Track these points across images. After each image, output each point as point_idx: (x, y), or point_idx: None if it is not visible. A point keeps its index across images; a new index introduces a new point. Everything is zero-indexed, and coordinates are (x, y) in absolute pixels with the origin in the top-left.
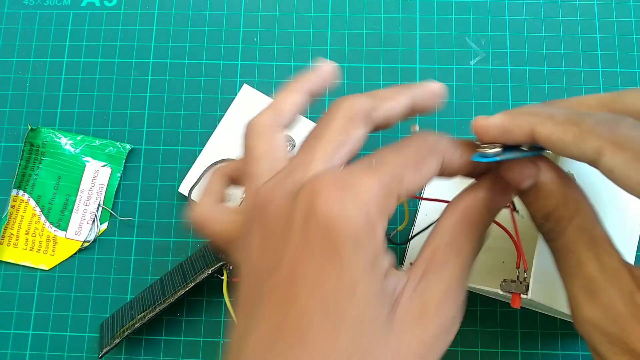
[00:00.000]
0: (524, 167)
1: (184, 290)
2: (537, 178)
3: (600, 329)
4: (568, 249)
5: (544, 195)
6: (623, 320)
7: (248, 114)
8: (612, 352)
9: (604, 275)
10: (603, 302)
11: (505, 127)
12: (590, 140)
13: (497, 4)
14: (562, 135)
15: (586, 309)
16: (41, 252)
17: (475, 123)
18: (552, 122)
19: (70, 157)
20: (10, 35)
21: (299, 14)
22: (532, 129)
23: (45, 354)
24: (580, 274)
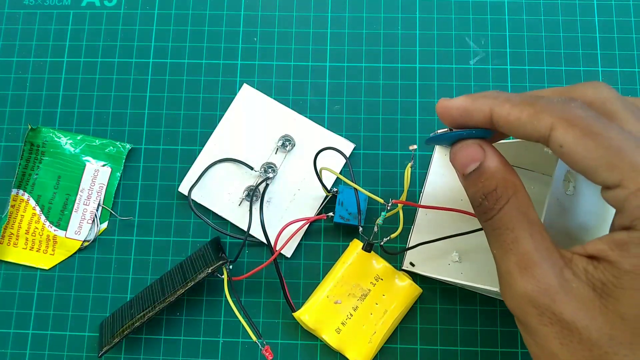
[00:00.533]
0: (472, 150)
1: (183, 290)
2: (483, 160)
3: (532, 301)
4: (505, 227)
5: (488, 175)
6: (554, 292)
7: (248, 114)
8: (541, 324)
9: (537, 252)
10: (536, 275)
11: (467, 107)
12: (543, 118)
13: (497, 4)
14: (519, 115)
15: (520, 282)
16: (41, 251)
17: (439, 104)
18: (510, 103)
19: (70, 156)
20: (10, 35)
21: (299, 14)
22: (491, 109)
23: (45, 354)
24: (515, 250)
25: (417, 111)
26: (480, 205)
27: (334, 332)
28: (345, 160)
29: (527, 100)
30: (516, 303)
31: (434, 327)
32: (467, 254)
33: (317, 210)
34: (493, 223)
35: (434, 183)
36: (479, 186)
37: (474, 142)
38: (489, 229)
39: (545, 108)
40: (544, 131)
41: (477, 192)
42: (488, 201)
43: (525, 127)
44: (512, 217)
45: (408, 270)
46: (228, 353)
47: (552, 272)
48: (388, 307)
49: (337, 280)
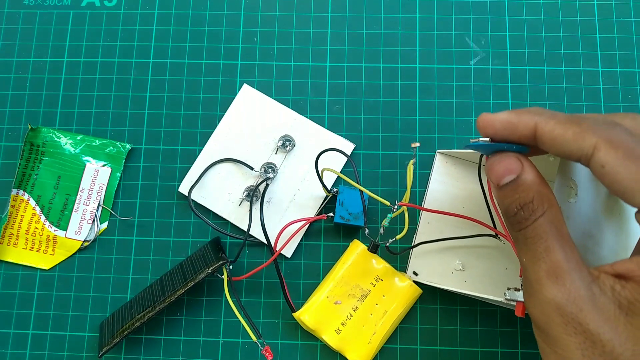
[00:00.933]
0: (510, 162)
1: (183, 290)
2: (520, 173)
3: (560, 309)
4: (539, 236)
5: (525, 187)
6: (582, 302)
7: (248, 114)
8: (566, 333)
9: (568, 263)
10: (566, 284)
11: (511, 121)
12: (588, 138)
13: (497, 4)
14: (563, 132)
15: (549, 289)
16: (41, 251)
17: (481, 118)
18: (555, 120)
19: (70, 156)
20: (10, 35)
21: (299, 14)
22: (536, 125)
23: (45, 354)
24: (547, 259)
25: (417, 111)
26: (515, 215)
27: (334, 333)
28: (350, 161)
29: (573, 119)
30: (542, 310)
31: (434, 327)
32: (469, 263)
33: (317, 211)
34: (526, 232)
35: (436, 191)
36: (515, 197)
37: (513, 154)
38: (521, 238)
39: (591, 128)
40: (587, 150)
41: (513, 203)
42: (524, 212)
43: (569, 145)
44: (545, 228)
45: (411, 279)
46: (228, 353)
47: (581, 283)
48: (388, 307)
49: (337, 281)
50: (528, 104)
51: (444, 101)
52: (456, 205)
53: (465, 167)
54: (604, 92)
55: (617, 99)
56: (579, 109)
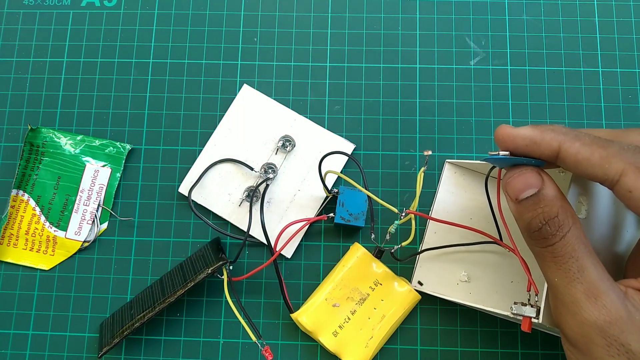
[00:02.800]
0: (530, 176)
1: (183, 290)
2: (541, 188)
3: (602, 331)
4: (569, 255)
5: (547, 202)
6: (623, 322)
7: (248, 114)
8: (609, 354)
9: (603, 282)
10: (607, 305)
11: (534, 139)
12: (615, 163)
13: (497, 4)
14: (589, 156)
15: (589, 311)
16: (41, 252)
17: (502, 131)
18: (580, 142)
19: (70, 157)
20: (10, 35)
21: (299, 14)
22: (560, 146)
23: (45, 354)
24: (582, 279)
25: (417, 112)
26: (539, 231)
27: (331, 335)
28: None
29: (599, 142)
30: (582, 332)
31: (434, 327)
32: (475, 274)
33: (318, 211)
34: (555, 250)
35: (443, 201)
36: (537, 212)
37: (533, 169)
38: (548, 256)
39: (618, 153)
40: (613, 175)
41: (536, 217)
42: (550, 227)
43: (594, 169)
44: (575, 245)
45: (416, 289)
46: (228, 354)
47: (619, 302)
48: (386, 312)
49: (336, 283)
50: (528, 104)
51: (444, 101)
52: (464, 216)
53: (474, 178)
54: (604, 92)
55: (617, 99)
56: (579, 109)
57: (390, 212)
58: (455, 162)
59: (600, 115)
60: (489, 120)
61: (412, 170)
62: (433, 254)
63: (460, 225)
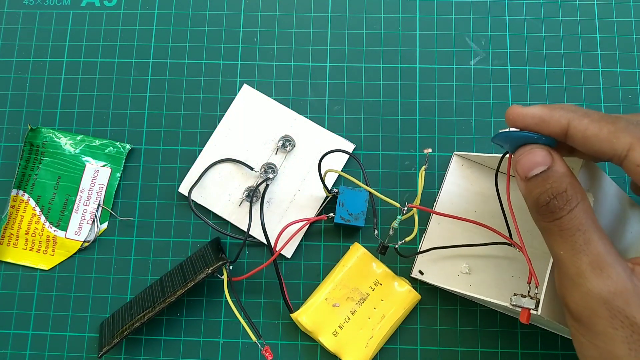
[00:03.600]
0: (540, 153)
1: (183, 290)
2: (551, 165)
3: (607, 302)
4: (576, 228)
5: (557, 177)
6: (628, 294)
7: (248, 114)
8: (612, 326)
9: (610, 255)
10: (612, 276)
11: (543, 117)
12: (623, 137)
13: (497, 4)
14: (597, 131)
15: (595, 282)
16: (41, 252)
17: (512, 110)
18: (589, 118)
19: (70, 157)
20: (10, 35)
21: (299, 14)
22: (569, 123)
23: (45, 354)
24: (588, 251)
25: (417, 111)
26: (547, 205)
27: (331, 335)
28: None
29: (607, 118)
30: (585, 304)
31: (434, 327)
32: (476, 267)
33: (318, 211)
34: (562, 223)
35: (449, 192)
36: (546, 187)
37: (542, 147)
38: (555, 230)
39: (626, 128)
40: (621, 150)
41: (545, 192)
42: (558, 201)
43: (602, 144)
44: (582, 219)
45: (417, 278)
46: (228, 354)
47: (626, 275)
48: (386, 312)
49: (336, 283)
50: (528, 104)
51: (444, 101)
52: (468, 208)
53: (481, 172)
54: (604, 92)
55: (617, 99)
56: None
57: (391, 211)
58: (463, 154)
59: None
60: (489, 120)
61: (412, 170)
62: (435, 243)
63: (463, 219)
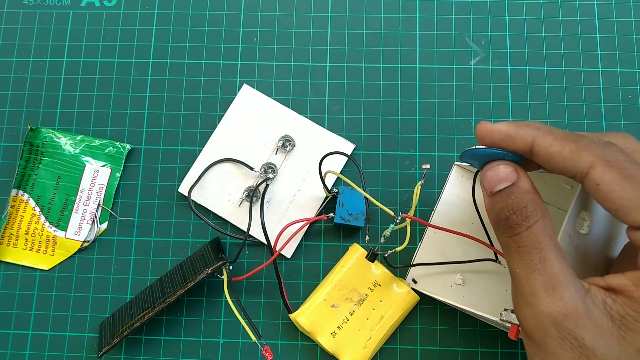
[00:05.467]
0: (506, 169)
1: (183, 290)
2: (516, 181)
3: (557, 323)
4: (533, 245)
5: (519, 193)
6: (579, 316)
7: (248, 114)
8: (561, 347)
9: (564, 275)
10: (564, 297)
11: (509, 133)
12: (584, 156)
13: (497, 4)
14: (560, 149)
15: (546, 302)
16: (41, 252)
17: (480, 126)
18: (552, 136)
19: (70, 157)
20: (10, 35)
21: (299, 14)
22: (533, 140)
23: (45, 354)
24: (542, 270)
25: (417, 111)
26: (506, 220)
27: (330, 336)
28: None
29: (570, 137)
30: (537, 324)
31: (434, 327)
32: (470, 279)
33: (318, 211)
34: (519, 240)
35: (447, 203)
36: (508, 202)
37: (508, 163)
38: (513, 246)
39: (587, 147)
40: (582, 168)
41: (505, 207)
42: (517, 216)
43: (565, 162)
44: (540, 237)
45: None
46: (228, 354)
47: (578, 296)
48: (385, 313)
49: (334, 284)
50: (528, 104)
51: (444, 101)
52: (466, 220)
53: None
54: (604, 92)
55: (617, 99)
56: (579, 109)
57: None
58: (463, 165)
59: (600, 115)
60: (489, 120)
61: (412, 170)
62: (430, 253)
63: (457, 233)
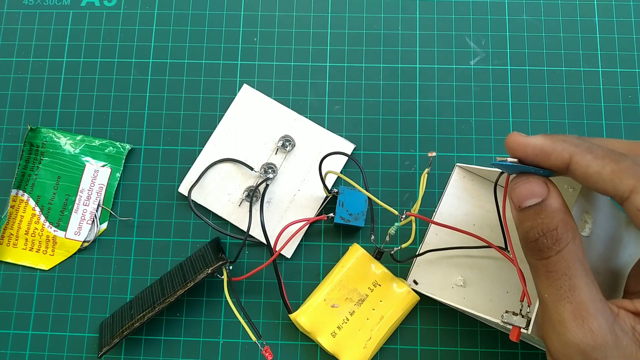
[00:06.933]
0: (536, 185)
1: (183, 290)
2: (546, 198)
3: (585, 354)
4: (563, 272)
5: (549, 213)
6: (607, 348)
7: (248, 114)
8: None
9: (593, 303)
10: (594, 329)
11: (545, 149)
12: (626, 179)
13: (497, 4)
14: (600, 169)
15: (575, 333)
16: (41, 252)
17: (513, 138)
18: (592, 155)
19: (69, 157)
20: (10, 35)
21: (299, 14)
22: (571, 157)
23: (45, 354)
24: (572, 299)
25: (417, 111)
26: (536, 242)
27: (330, 336)
28: (357, 165)
29: (611, 156)
30: (565, 352)
31: (434, 327)
32: (471, 280)
33: (318, 211)
34: (549, 264)
35: (449, 204)
36: (537, 221)
37: (540, 177)
38: (542, 269)
39: (630, 169)
40: (623, 192)
41: (535, 228)
42: (547, 239)
43: (605, 183)
44: (570, 262)
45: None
46: (228, 354)
47: (607, 326)
48: (385, 313)
49: (334, 284)
50: (528, 104)
51: (444, 101)
52: (467, 221)
53: (482, 185)
54: (604, 92)
55: (617, 99)
56: (579, 108)
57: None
58: (465, 166)
59: (600, 115)
60: (489, 120)
61: (412, 170)
62: (432, 256)
63: (461, 231)
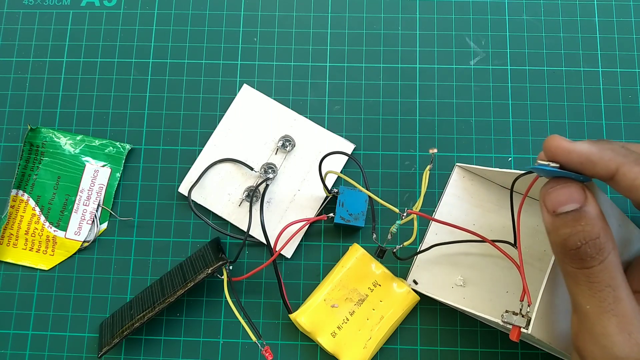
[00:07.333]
0: (574, 190)
1: (183, 290)
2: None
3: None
4: (606, 283)
5: (589, 220)
6: None
7: (248, 114)
8: None
9: (637, 317)
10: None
11: (591, 158)
12: None
13: (497, 4)
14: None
15: (621, 347)
16: (41, 252)
17: (554, 142)
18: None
19: (69, 157)
20: (10, 35)
21: (299, 14)
22: (618, 168)
23: (45, 354)
24: (617, 311)
25: (417, 111)
26: (577, 250)
27: (330, 336)
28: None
29: None
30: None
31: (434, 327)
32: (471, 280)
33: (318, 211)
34: (591, 274)
35: (448, 204)
36: (577, 229)
37: (577, 183)
38: (583, 279)
39: None
40: None
41: (575, 235)
42: (590, 248)
43: None
44: (612, 272)
45: (411, 287)
46: (228, 354)
47: None
48: (385, 313)
49: (334, 284)
50: (528, 104)
51: (444, 101)
52: (467, 221)
53: (482, 185)
54: (604, 92)
55: (617, 99)
56: (579, 108)
57: (391, 211)
58: (465, 166)
59: (600, 115)
60: (489, 120)
61: (412, 170)
62: (432, 255)
63: (461, 228)
